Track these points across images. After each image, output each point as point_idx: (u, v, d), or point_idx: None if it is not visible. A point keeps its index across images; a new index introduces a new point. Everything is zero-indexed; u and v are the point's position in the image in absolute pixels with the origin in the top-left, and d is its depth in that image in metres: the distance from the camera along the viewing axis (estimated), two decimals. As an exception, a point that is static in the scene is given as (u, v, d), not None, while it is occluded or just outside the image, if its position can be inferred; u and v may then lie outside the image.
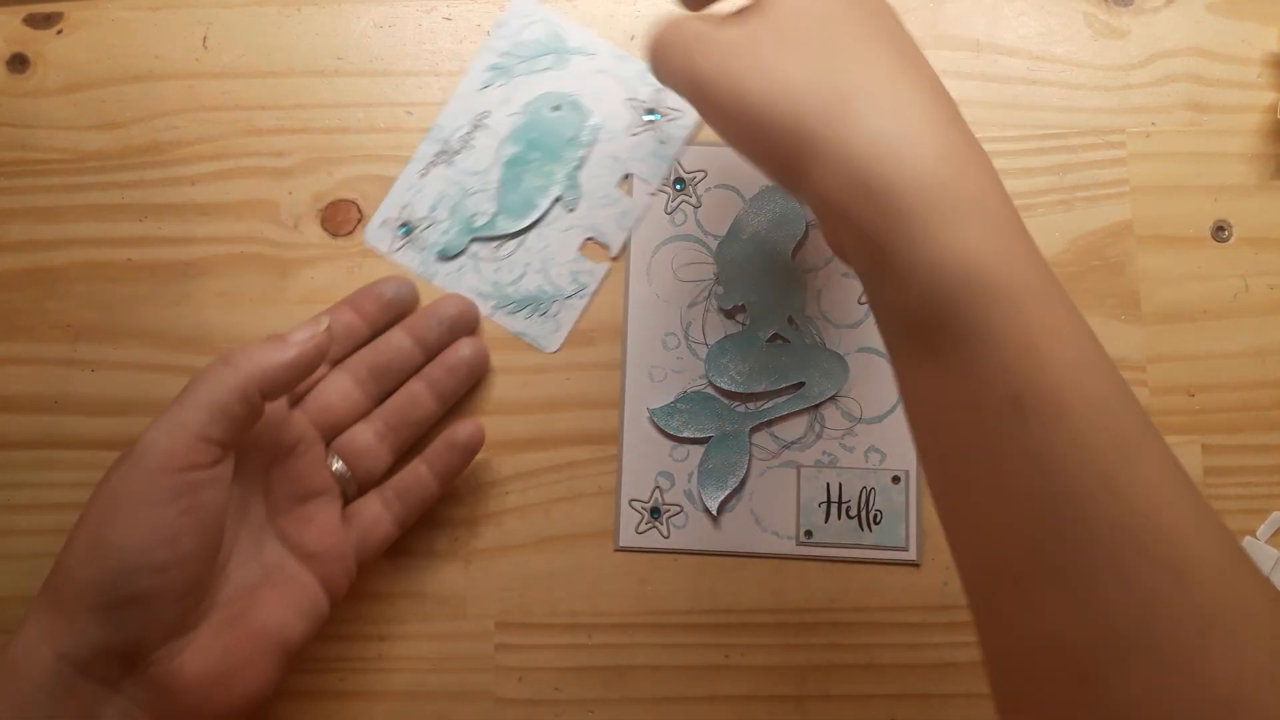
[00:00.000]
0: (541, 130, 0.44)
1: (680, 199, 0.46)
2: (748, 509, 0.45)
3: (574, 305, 0.44)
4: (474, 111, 0.45)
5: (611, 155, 0.45)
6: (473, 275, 0.44)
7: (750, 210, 0.46)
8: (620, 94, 0.45)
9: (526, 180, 0.44)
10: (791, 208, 0.46)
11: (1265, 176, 0.47)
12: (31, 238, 0.48)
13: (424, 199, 0.45)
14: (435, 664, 0.45)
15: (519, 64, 0.45)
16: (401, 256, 0.44)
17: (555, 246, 0.44)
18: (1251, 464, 0.46)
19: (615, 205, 0.44)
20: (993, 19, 0.49)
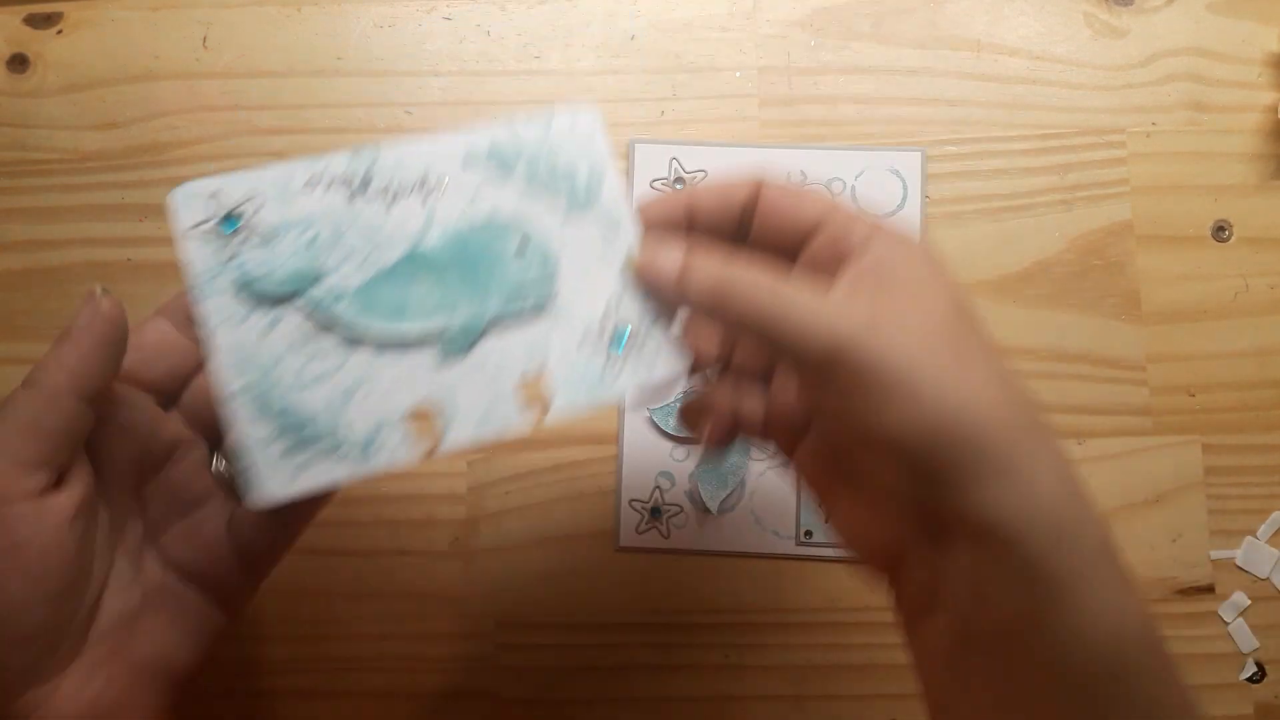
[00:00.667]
0: (485, 259, 0.31)
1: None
2: (748, 509, 0.45)
3: (322, 471, 0.29)
4: (430, 171, 0.31)
5: (527, 344, 0.31)
6: (252, 339, 0.29)
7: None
8: (597, 300, 0.31)
9: (419, 289, 0.30)
10: None
11: (1265, 176, 0.47)
12: (31, 238, 0.48)
13: (285, 209, 0.30)
14: (435, 664, 0.45)
15: (527, 174, 0.32)
16: (194, 245, 0.29)
17: (389, 389, 0.29)
18: (1251, 464, 0.46)
19: (487, 402, 0.30)
20: (993, 19, 0.49)
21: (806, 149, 0.47)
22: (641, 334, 0.31)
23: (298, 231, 0.30)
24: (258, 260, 0.30)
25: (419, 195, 0.31)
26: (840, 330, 0.27)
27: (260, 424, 0.29)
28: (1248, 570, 0.45)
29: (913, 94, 0.48)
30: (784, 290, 0.28)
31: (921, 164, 0.46)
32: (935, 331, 0.28)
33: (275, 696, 0.44)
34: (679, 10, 0.49)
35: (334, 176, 0.31)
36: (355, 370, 0.30)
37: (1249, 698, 0.45)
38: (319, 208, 0.30)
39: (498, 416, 0.30)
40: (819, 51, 0.48)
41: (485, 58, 0.49)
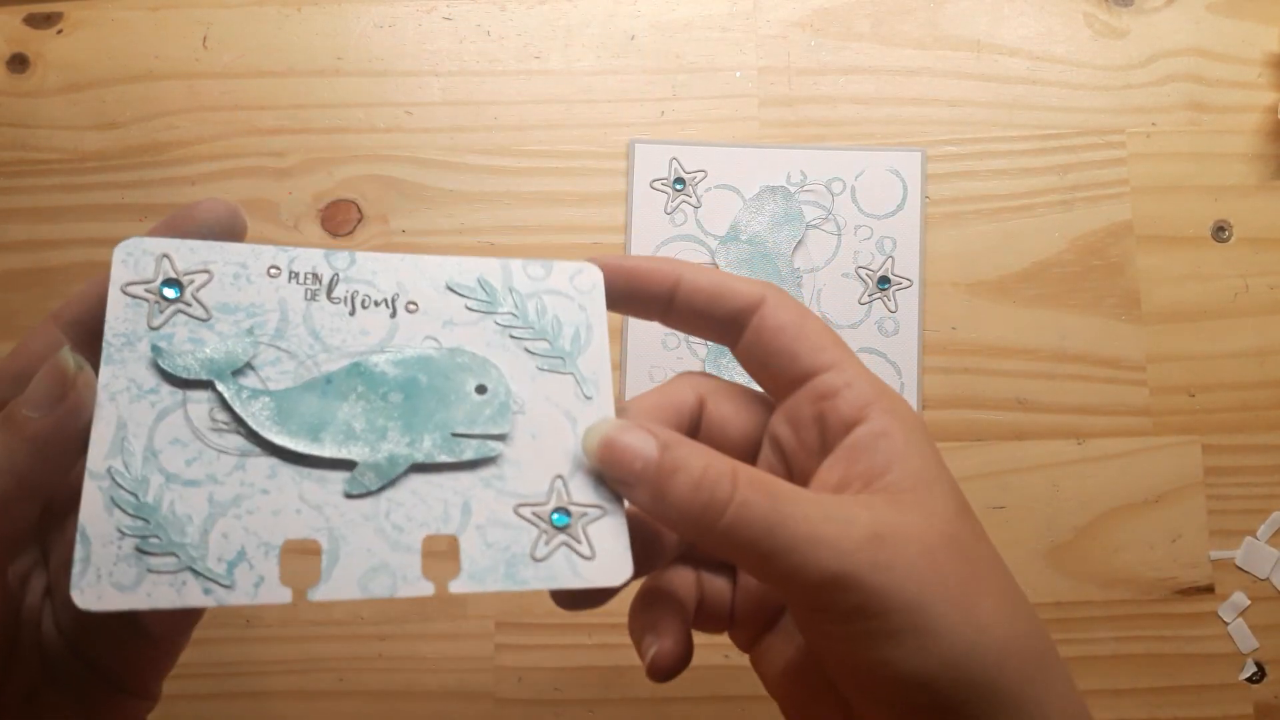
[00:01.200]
0: (438, 389, 0.27)
1: (680, 199, 0.46)
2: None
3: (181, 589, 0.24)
4: (406, 289, 0.28)
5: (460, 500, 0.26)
6: (145, 419, 0.25)
7: (750, 210, 0.46)
8: (545, 470, 0.27)
9: (347, 409, 0.26)
10: (792, 209, 0.46)
11: (1265, 176, 0.47)
12: (31, 238, 0.48)
13: (236, 290, 0.27)
14: (435, 664, 0.45)
15: (512, 313, 0.28)
16: (121, 303, 0.26)
17: (275, 512, 0.25)
18: (1251, 464, 0.46)
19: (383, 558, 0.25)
20: (993, 19, 0.49)
21: (806, 149, 0.47)
22: (586, 520, 0.27)
23: (240, 317, 0.27)
24: (184, 336, 0.26)
25: (386, 310, 0.28)
26: (845, 556, 0.24)
27: (110, 516, 0.24)
28: (1247, 570, 0.45)
29: (913, 94, 0.48)
30: (785, 510, 0.24)
31: (921, 164, 0.47)
32: (942, 549, 0.25)
33: (275, 696, 0.44)
34: (679, 10, 0.49)
35: (301, 270, 0.27)
36: (244, 482, 0.25)
37: (1249, 698, 0.45)
38: (272, 298, 0.27)
39: (390, 574, 0.25)
40: (819, 51, 0.48)
41: (485, 58, 0.49)
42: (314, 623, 0.45)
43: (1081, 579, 0.45)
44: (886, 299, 0.46)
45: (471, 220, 0.47)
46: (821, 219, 0.46)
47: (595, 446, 0.26)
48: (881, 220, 0.46)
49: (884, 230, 0.46)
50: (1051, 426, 0.46)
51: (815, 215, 0.46)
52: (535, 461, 0.27)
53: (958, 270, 0.47)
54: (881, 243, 0.46)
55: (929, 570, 0.24)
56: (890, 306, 0.46)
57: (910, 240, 0.46)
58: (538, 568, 0.26)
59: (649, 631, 0.29)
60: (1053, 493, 0.45)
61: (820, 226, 0.46)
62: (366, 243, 0.47)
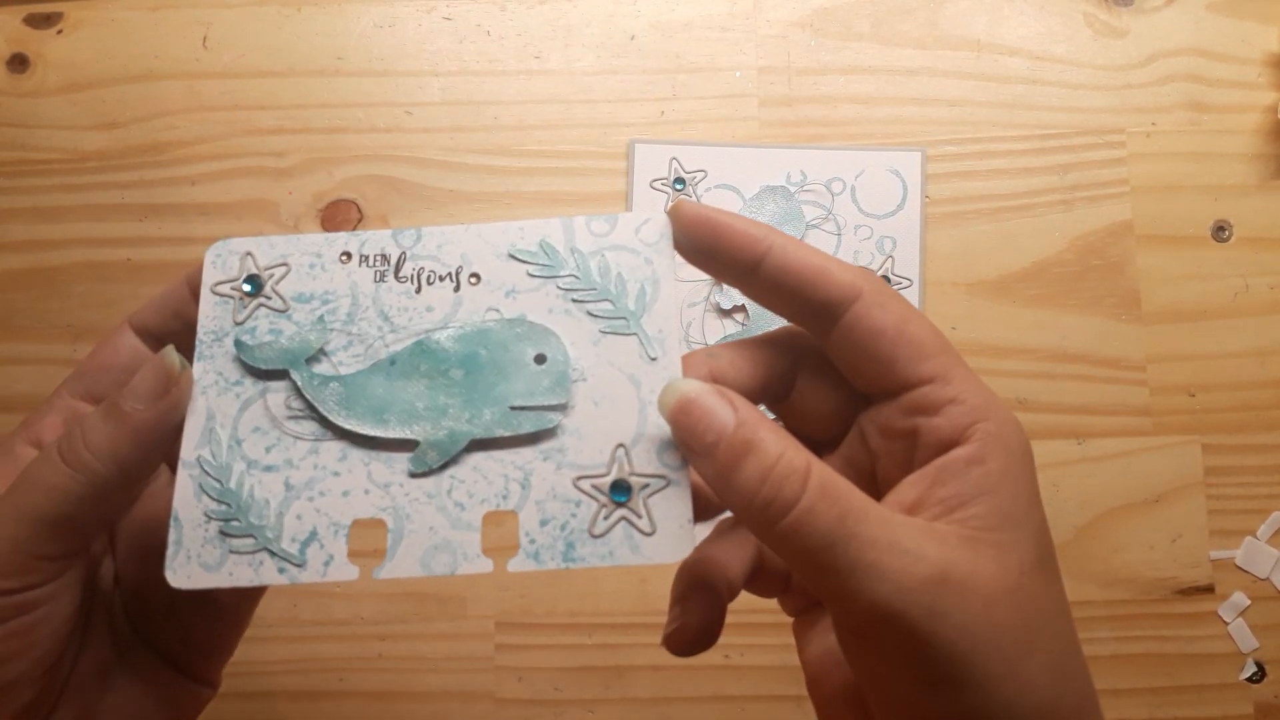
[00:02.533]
0: (497, 362, 0.27)
1: (680, 197, 0.47)
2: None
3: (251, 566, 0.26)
4: (469, 260, 0.28)
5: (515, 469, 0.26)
6: (230, 410, 0.27)
7: (750, 210, 0.46)
8: (608, 439, 0.26)
9: (410, 390, 0.27)
10: (792, 209, 0.46)
11: (1265, 176, 0.47)
12: (31, 238, 0.48)
13: (310, 279, 0.28)
14: (435, 664, 0.45)
15: (575, 275, 0.28)
16: (210, 302, 0.28)
17: (345, 493, 0.26)
18: (1251, 464, 0.46)
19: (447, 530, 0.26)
20: (993, 19, 0.49)
21: (806, 149, 0.47)
22: (648, 492, 0.26)
23: (315, 305, 0.28)
24: (266, 328, 0.28)
25: (450, 285, 0.28)
26: (903, 594, 0.22)
27: (198, 503, 0.26)
28: (1247, 570, 0.45)
29: (913, 94, 0.48)
30: (853, 524, 0.23)
31: (921, 164, 0.47)
32: (1004, 601, 0.23)
33: (276, 696, 0.44)
34: (679, 10, 0.49)
35: (371, 253, 0.28)
36: (317, 465, 0.27)
37: (1249, 698, 0.45)
38: (344, 283, 0.28)
39: (451, 552, 0.26)
40: (819, 51, 0.48)
41: (485, 58, 0.49)
42: (314, 623, 0.45)
43: (1082, 579, 0.45)
44: None
45: (471, 220, 0.47)
46: (821, 219, 0.46)
47: (670, 408, 0.24)
48: (881, 220, 0.46)
49: (884, 230, 0.46)
50: (1051, 426, 0.46)
51: (815, 215, 0.46)
52: (597, 430, 0.26)
53: (958, 270, 0.47)
54: (881, 242, 0.46)
55: (985, 624, 0.23)
56: None
57: (910, 240, 0.46)
58: (596, 545, 0.26)
59: (680, 603, 0.28)
60: (1053, 492, 0.45)
61: (820, 226, 0.46)
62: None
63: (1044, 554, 0.25)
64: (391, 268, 0.28)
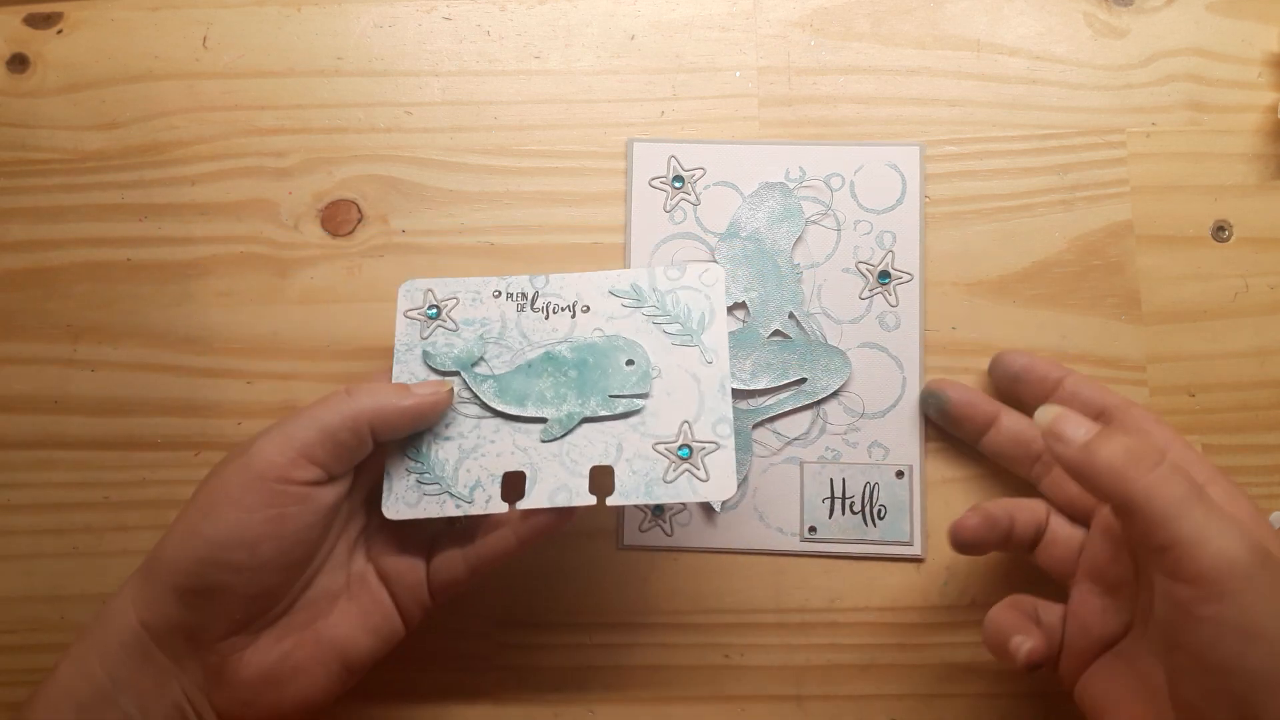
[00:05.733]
0: (601, 365, 0.39)
1: (679, 196, 0.46)
2: (751, 506, 0.45)
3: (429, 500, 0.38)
4: (582, 295, 0.40)
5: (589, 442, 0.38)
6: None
7: (749, 207, 0.46)
8: (675, 416, 0.38)
9: (542, 383, 0.39)
10: (791, 205, 0.46)
11: (1265, 176, 0.47)
12: (31, 238, 0.48)
13: (473, 308, 0.40)
14: (435, 664, 0.44)
15: (655, 306, 0.40)
16: (404, 324, 0.40)
17: (498, 454, 0.38)
18: (1251, 464, 0.46)
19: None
20: (993, 19, 0.49)
21: (804, 145, 0.47)
22: (702, 454, 0.38)
23: (477, 326, 0.40)
24: (443, 341, 0.40)
25: (569, 313, 0.40)
26: (1240, 553, 0.29)
27: (402, 462, 0.38)
28: (1248, 570, 0.45)
29: (913, 94, 0.48)
30: (1200, 491, 0.30)
31: (919, 158, 0.47)
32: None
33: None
34: (679, 10, 0.49)
35: (515, 290, 0.40)
36: (480, 436, 0.38)
37: (1249, 698, 0.45)
38: (496, 312, 0.40)
39: (568, 491, 0.37)
40: (819, 51, 0.48)
41: (485, 58, 0.49)
42: (314, 623, 0.45)
43: (1081, 579, 0.45)
44: (887, 294, 0.46)
45: (471, 220, 0.47)
46: (821, 214, 0.46)
47: (1050, 417, 0.34)
48: (881, 215, 0.46)
49: (883, 225, 0.46)
50: (1051, 426, 0.46)
51: (814, 211, 0.46)
52: (669, 411, 0.38)
53: (958, 270, 0.47)
54: (881, 237, 0.46)
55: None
56: (891, 301, 0.45)
57: (910, 235, 0.46)
58: (667, 487, 0.37)
59: (1018, 632, 0.35)
60: (1053, 493, 0.45)
61: (820, 222, 0.46)
62: (366, 242, 0.47)
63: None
64: (529, 301, 0.40)
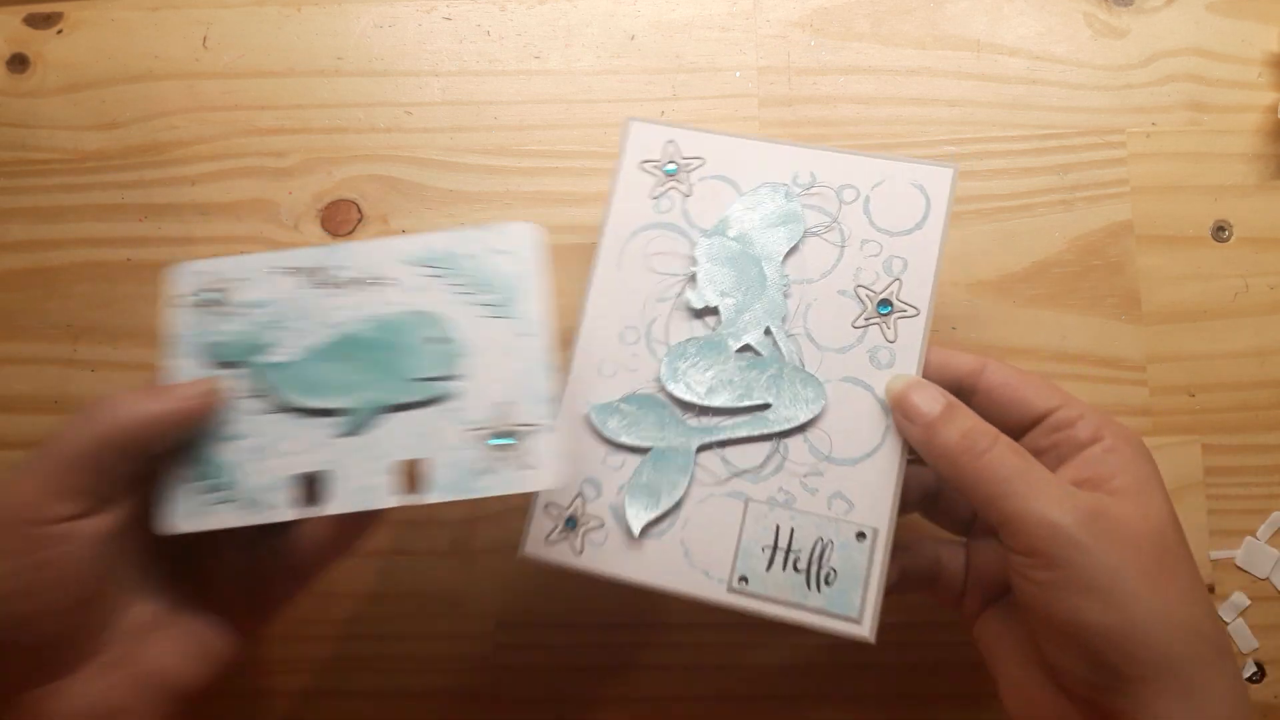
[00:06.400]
0: (400, 344, 0.35)
1: (670, 184, 0.41)
2: (678, 539, 0.37)
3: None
4: (375, 268, 0.35)
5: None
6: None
7: (744, 205, 0.40)
8: (490, 400, 0.34)
9: (336, 370, 0.34)
10: (791, 209, 0.40)
11: (1265, 176, 0.47)
12: (31, 238, 0.48)
13: (254, 289, 0.36)
14: (435, 664, 0.45)
15: (458, 277, 0.35)
16: (178, 313, 0.35)
17: (290, 453, 0.34)
18: (1251, 464, 0.46)
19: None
20: (993, 19, 0.49)
21: (821, 150, 0.41)
22: (524, 439, 0.33)
23: (259, 310, 0.35)
24: (223, 330, 0.35)
25: (360, 288, 0.35)
26: (1066, 513, 0.30)
27: (182, 468, 0.34)
28: (1247, 570, 0.45)
29: (913, 94, 0.48)
30: (1028, 468, 0.32)
31: (952, 182, 0.39)
32: (1146, 540, 0.31)
33: (275, 696, 0.44)
34: (679, 10, 0.49)
35: (299, 266, 0.36)
36: (268, 433, 0.34)
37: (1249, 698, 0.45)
38: (280, 292, 0.35)
39: (369, 491, 0.33)
40: (819, 51, 0.48)
41: (485, 58, 0.49)
42: (314, 622, 0.45)
43: (1081, 579, 0.45)
44: (885, 325, 0.38)
45: (471, 220, 0.47)
46: (825, 227, 0.40)
47: (899, 388, 0.35)
48: (895, 238, 0.39)
49: (895, 249, 0.39)
50: (1051, 426, 0.46)
51: (818, 222, 0.40)
52: (482, 392, 0.34)
53: (958, 270, 0.47)
54: (890, 263, 0.39)
55: (1131, 549, 0.30)
56: (888, 335, 0.38)
57: (924, 265, 0.39)
58: (487, 478, 0.33)
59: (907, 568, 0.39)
60: (1053, 493, 0.45)
61: (822, 235, 0.40)
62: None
63: (1173, 516, 0.32)
64: (317, 276, 0.36)
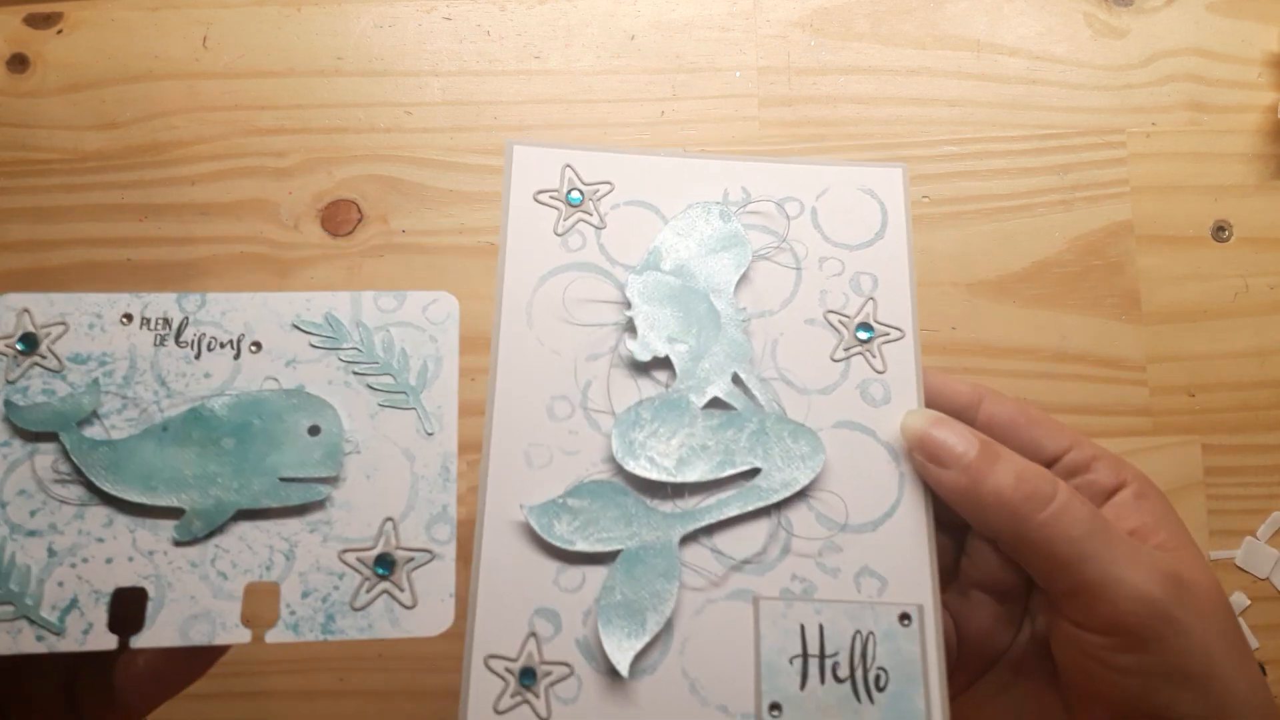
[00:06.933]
0: (271, 432, 0.28)
1: (576, 216, 0.33)
2: (677, 669, 0.28)
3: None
4: (251, 329, 0.29)
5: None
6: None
7: (675, 232, 0.32)
8: (378, 509, 0.28)
9: (180, 456, 0.27)
10: (732, 231, 0.33)
11: (1265, 176, 0.47)
12: (31, 238, 0.48)
13: (89, 339, 0.28)
14: (435, 664, 0.44)
15: (357, 348, 0.29)
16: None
17: (108, 560, 0.26)
18: (1251, 464, 0.46)
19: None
20: (993, 19, 0.49)
21: (744, 161, 0.34)
22: (412, 566, 0.27)
23: (91, 366, 0.28)
24: (38, 388, 0.28)
25: (231, 352, 0.28)
26: (1156, 584, 0.25)
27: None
28: (1247, 570, 0.45)
29: (913, 94, 0.48)
30: (1103, 523, 0.26)
31: (903, 182, 0.34)
32: (1223, 610, 0.26)
33: (275, 696, 0.44)
34: (679, 10, 0.49)
35: (153, 315, 0.29)
36: (81, 531, 0.27)
37: (1249, 698, 0.45)
38: (123, 345, 0.28)
39: (210, 622, 0.26)
40: (819, 51, 0.48)
41: (485, 58, 0.49)
42: (314, 623, 0.45)
43: (1081, 579, 0.45)
44: (869, 354, 0.32)
45: (471, 220, 0.47)
46: (773, 248, 0.33)
47: (918, 427, 0.28)
48: (855, 252, 0.33)
49: (859, 264, 0.33)
50: (1051, 426, 0.46)
51: (764, 242, 0.33)
52: (366, 503, 0.27)
53: (958, 270, 0.47)
54: (857, 280, 0.33)
55: (1215, 622, 0.25)
56: (876, 365, 0.32)
57: (896, 279, 0.33)
58: (356, 618, 0.27)
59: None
60: (1053, 493, 0.45)
61: (772, 258, 0.33)
62: (366, 242, 0.47)
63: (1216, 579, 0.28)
64: (173, 332, 0.28)
